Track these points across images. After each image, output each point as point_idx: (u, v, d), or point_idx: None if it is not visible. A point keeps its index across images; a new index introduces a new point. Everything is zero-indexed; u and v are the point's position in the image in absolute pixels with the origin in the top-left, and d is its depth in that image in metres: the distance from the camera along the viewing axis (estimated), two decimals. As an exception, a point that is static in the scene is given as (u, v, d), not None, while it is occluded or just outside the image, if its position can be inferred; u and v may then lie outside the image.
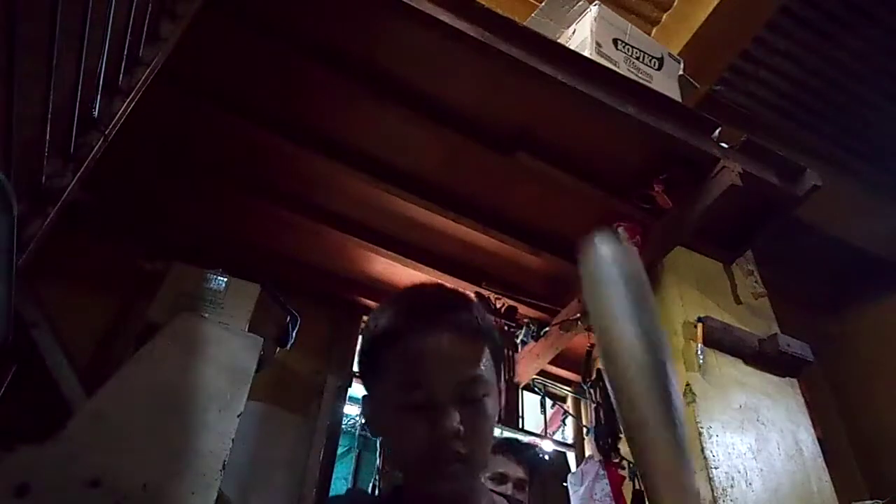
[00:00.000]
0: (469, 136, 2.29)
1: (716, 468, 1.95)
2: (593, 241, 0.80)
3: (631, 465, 2.58)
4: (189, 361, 1.91)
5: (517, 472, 1.80)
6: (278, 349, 2.37)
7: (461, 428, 0.68)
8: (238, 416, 1.90)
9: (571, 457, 3.14)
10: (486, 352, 0.75)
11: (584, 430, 3.17)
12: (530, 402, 3.37)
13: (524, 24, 2.33)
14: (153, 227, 2.65)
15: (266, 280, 2.33)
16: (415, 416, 0.70)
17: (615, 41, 2.52)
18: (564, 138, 2.33)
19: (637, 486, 2.34)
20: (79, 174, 1.16)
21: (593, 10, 2.57)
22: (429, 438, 0.68)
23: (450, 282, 2.95)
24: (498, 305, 3.02)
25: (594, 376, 2.88)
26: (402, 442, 0.72)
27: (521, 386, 3.15)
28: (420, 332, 0.72)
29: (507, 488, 1.72)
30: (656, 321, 0.73)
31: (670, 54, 2.68)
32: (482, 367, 0.74)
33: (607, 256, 0.79)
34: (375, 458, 2.67)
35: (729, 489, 1.92)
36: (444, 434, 0.68)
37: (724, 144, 2.33)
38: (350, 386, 2.92)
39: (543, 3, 2.82)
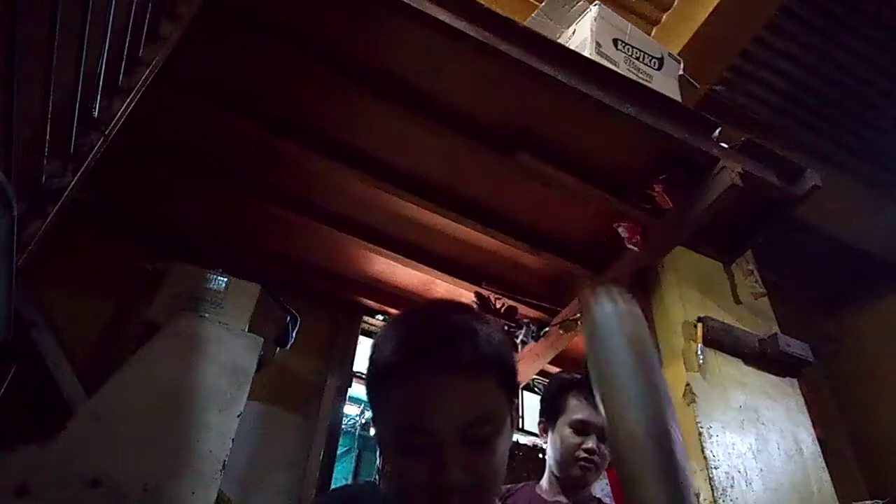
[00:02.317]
0: (469, 136, 2.28)
1: (716, 468, 1.95)
2: (596, 300, 0.76)
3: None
4: (189, 361, 1.91)
5: (599, 418, 1.31)
6: (278, 349, 2.37)
7: (463, 476, 0.64)
8: (238, 416, 1.90)
9: (571, 457, 3.13)
10: (494, 383, 0.69)
11: (584, 430, 3.16)
12: (530, 402, 3.37)
13: (524, 24, 2.33)
14: (153, 226, 2.65)
15: (266, 280, 2.33)
16: (414, 458, 0.66)
17: (615, 41, 2.52)
18: (564, 138, 2.33)
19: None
20: (79, 174, 1.16)
21: (593, 10, 2.57)
22: (431, 488, 0.64)
23: (449, 282, 2.95)
24: (498, 305, 3.02)
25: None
26: (405, 484, 0.68)
27: (521, 386, 3.15)
28: (418, 372, 0.67)
29: (591, 440, 1.47)
30: (663, 395, 0.70)
31: (670, 54, 2.67)
32: (488, 404, 0.68)
33: (612, 319, 0.75)
34: (375, 458, 2.68)
35: (729, 489, 1.92)
36: (445, 486, 0.64)
37: (724, 144, 2.33)
38: (350, 386, 2.93)
39: (543, 3, 2.82)
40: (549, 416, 1.60)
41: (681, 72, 2.66)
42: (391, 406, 0.69)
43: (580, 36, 2.54)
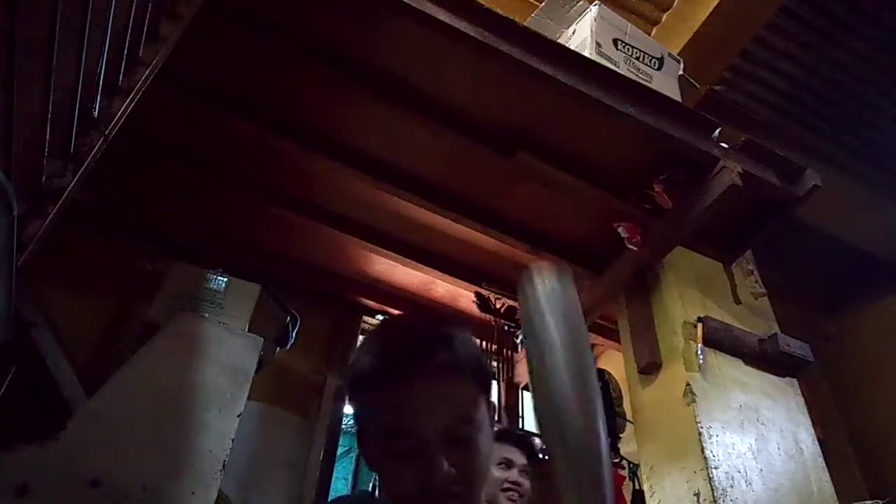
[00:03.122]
0: (469, 136, 2.29)
1: (716, 468, 1.95)
2: (531, 274, 0.82)
3: (631, 465, 2.58)
4: (189, 361, 1.91)
5: (521, 458, 1.84)
6: (278, 349, 2.37)
7: (453, 471, 0.67)
8: (238, 416, 1.90)
9: (571, 457, 3.13)
10: (471, 385, 0.73)
11: (584, 429, 3.17)
12: (530, 402, 3.37)
13: (524, 24, 2.33)
14: (153, 227, 2.65)
15: (266, 280, 2.33)
16: (404, 463, 0.69)
17: (615, 41, 2.52)
18: (564, 138, 2.33)
19: (637, 486, 2.34)
20: (79, 174, 1.16)
21: (593, 10, 2.57)
22: (421, 487, 0.67)
23: (450, 282, 2.95)
24: (498, 305, 3.02)
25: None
26: (396, 487, 0.71)
27: (521, 386, 3.15)
28: (399, 381, 0.70)
29: (513, 474, 1.78)
30: (589, 364, 0.77)
31: (670, 54, 2.67)
32: (467, 405, 0.72)
33: (544, 291, 0.81)
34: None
35: (729, 489, 1.92)
36: (436, 483, 0.67)
37: (724, 144, 2.33)
38: (350, 386, 2.92)
39: (543, 3, 2.82)
40: None
41: (681, 72, 2.66)
42: (376, 414, 0.73)
43: (580, 36, 2.54)
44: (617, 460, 2.53)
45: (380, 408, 0.72)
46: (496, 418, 0.73)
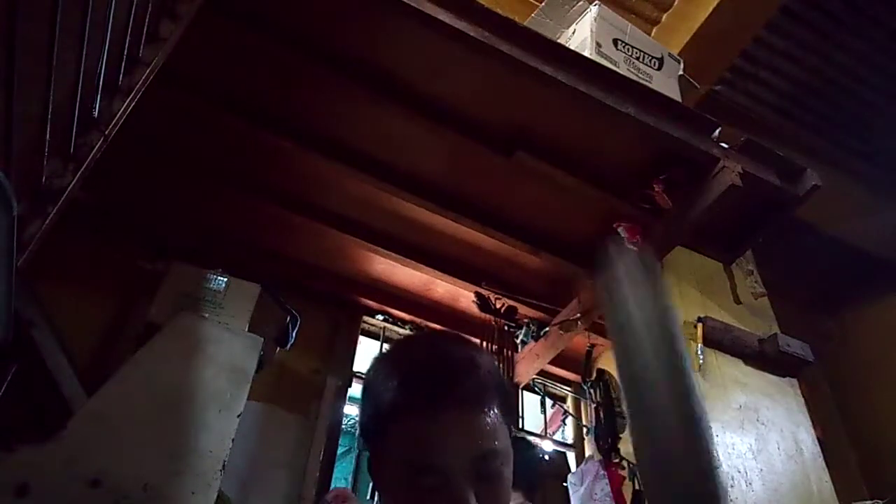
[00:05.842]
0: (469, 136, 2.29)
1: (716, 468, 1.95)
2: (607, 253, 0.82)
3: (631, 465, 2.58)
4: (189, 361, 1.91)
5: (517, 498, 1.64)
6: (278, 349, 2.37)
7: None
8: (238, 416, 1.90)
9: (571, 457, 3.14)
10: (497, 413, 0.71)
11: (584, 430, 3.17)
12: (530, 402, 3.37)
13: (524, 24, 2.33)
14: (153, 227, 2.65)
15: (266, 280, 2.33)
16: (428, 497, 0.66)
17: (615, 41, 2.52)
18: (564, 138, 2.33)
19: (637, 487, 2.34)
20: (79, 174, 1.16)
21: (593, 10, 2.57)
22: None
23: (450, 282, 2.95)
24: (498, 305, 3.01)
25: (594, 376, 2.88)
26: None
27: (521, 386, 3.15)
28: (425, 412, 0.67)
29: None
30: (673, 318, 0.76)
31: (670, 54, 2.67)
32: (495, 436, 0.69)
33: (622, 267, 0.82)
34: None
35: (729, 489, 1.92)
36: None
37: (724, 144, 2.33)
38: (350, 386, 2.93)
39: (543, 3, 2.82)
40: None
41: (681, 72, 2.66)
42: (399, 447, 0.69)
43: (580, 36, 2.54)
44: (617, 460, 2.53)
45: (402, 441, 0.68)
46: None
